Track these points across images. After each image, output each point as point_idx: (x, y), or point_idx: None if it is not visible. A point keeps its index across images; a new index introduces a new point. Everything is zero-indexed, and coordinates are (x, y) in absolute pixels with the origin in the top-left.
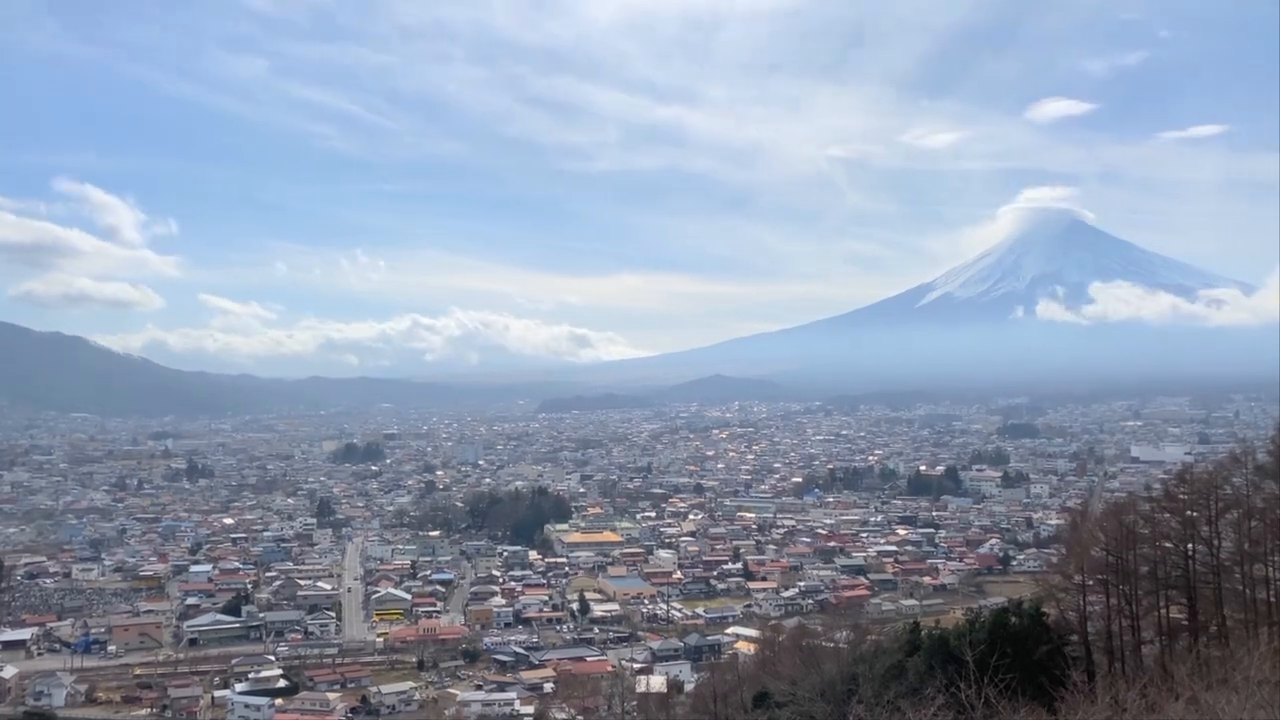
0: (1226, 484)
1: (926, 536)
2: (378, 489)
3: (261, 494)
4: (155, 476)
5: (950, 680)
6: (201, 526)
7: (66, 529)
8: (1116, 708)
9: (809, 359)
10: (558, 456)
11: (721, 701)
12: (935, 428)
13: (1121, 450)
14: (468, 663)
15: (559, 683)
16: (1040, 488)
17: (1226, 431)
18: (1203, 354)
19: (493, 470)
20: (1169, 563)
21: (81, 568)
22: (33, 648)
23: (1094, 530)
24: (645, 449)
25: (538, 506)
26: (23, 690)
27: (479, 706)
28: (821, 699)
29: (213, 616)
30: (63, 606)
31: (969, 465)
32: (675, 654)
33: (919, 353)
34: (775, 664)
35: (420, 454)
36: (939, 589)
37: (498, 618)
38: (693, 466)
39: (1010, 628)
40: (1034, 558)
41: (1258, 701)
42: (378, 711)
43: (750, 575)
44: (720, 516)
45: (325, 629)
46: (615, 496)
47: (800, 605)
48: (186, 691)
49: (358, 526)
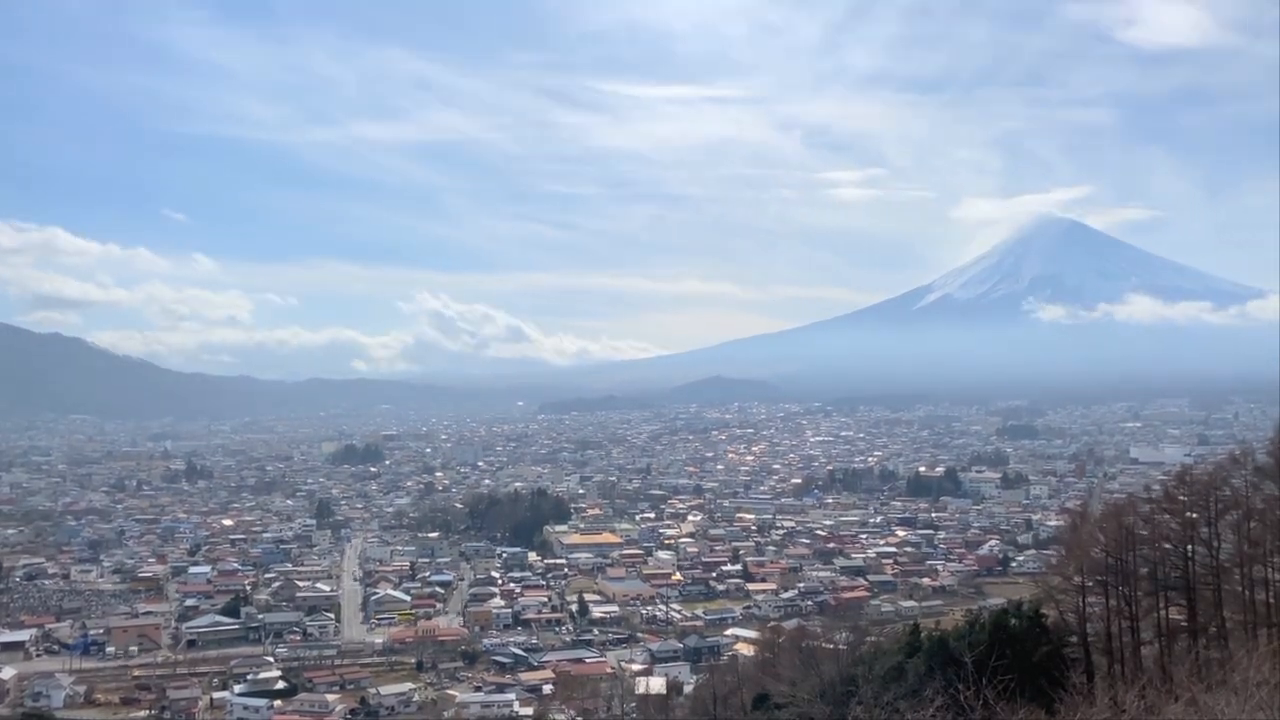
0: (1226, 485)
1: (926, 538)
2: (377, 490)
3: (260, 495)
4: (154, 478)
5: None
6: (200, 528)
7: (65, 530)
8: (1116, 709)
9: (809, 360)
10: (557, 458)
11: (721, 703)
12: (934, 429)
13: (1121, 451)
14: (467, 664)
15: (558, 684)
16: (1040, 489)
17: (1226, 433)
18: (1202, 355)
19: (492, 471)
20: (1168, 564)
21: (80, 569)
22: (31, 649)
23: (1093, 531)
24: (645, 450)
25: (537, 508)
26: (21, 692)
27: (478, 708)
28: (821, 700)
29: (211, 618)
30: (61, 608)
31: (968, 466)
32: (674, 655)
33: (918, 354)
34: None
35: (419, 455)
36: (938, 590)
37: (497, 619)
38: (692, 468)
39: (1010, 629)
40: (1033, 559)
41: (1257, 703)
42: (376, 713)
43: (750, 577)
44: (720, 518)
45: (324, 630)
46: (614, 498)
47: (800, 607)
48: (185, 693)
49: (357, 528)
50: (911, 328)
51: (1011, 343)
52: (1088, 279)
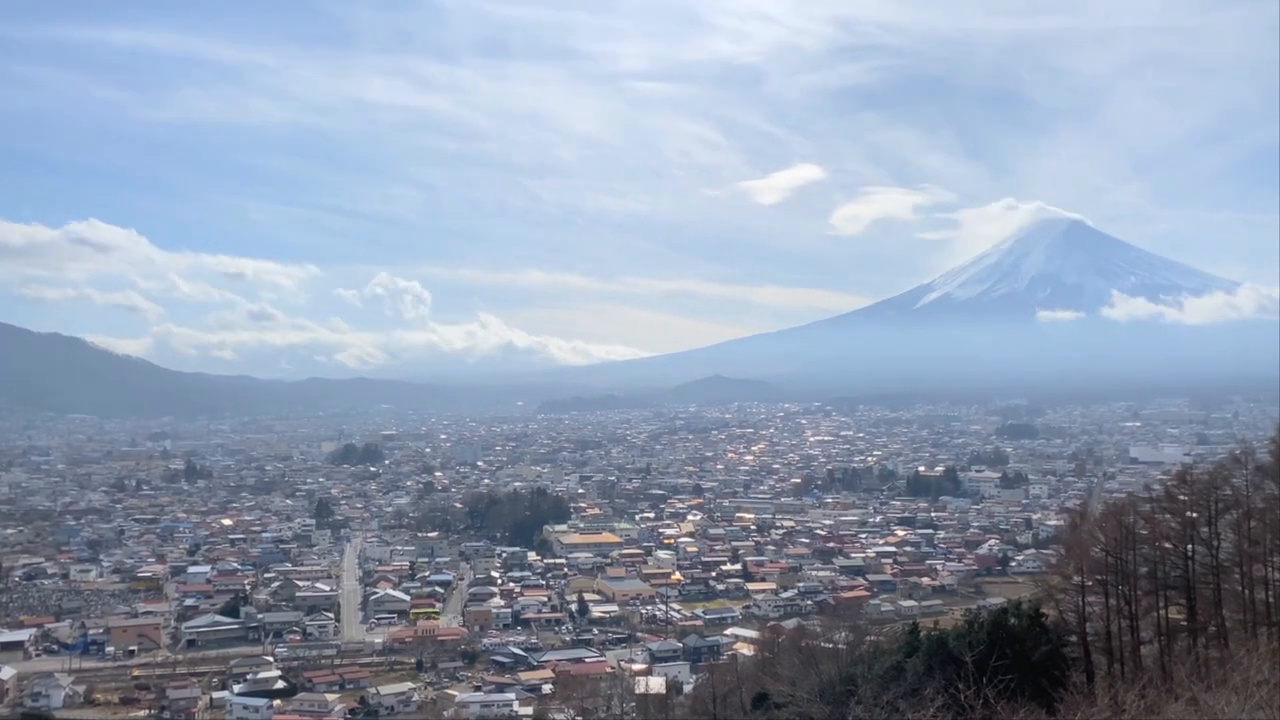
0: (1226, 485)
1: (925, 537)
2: (376, 490)
3: (260, 495)
4: (154, 477)
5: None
6: (200, 527)
7: (65, 530)
8: (1115, 708)
9: (808, 359)
10: (557, 457)
11: (720, 702)
12: (934, 428)
13: (1120, 451)
14: (466, 664)
15: (558, 684)
16: (1039, 488)
17: (1225, 432)
18: (1202, 354)
19: (491, 471)
20: (1168, 563)
21: (80, 569)
22: (31, 649)
23: (1093, 531)
24: (644, 450)
25: (537, 507)
26: (21, 691)
27: (477, 707)
28: (820, 700)
29: (211, 618)
30: (61, 607)
31: (968, 466)
32: (674, 655)
33: (918, 353)
34: (774, 665)
35: (419, 455)
36: (938, 590)
37: (496, 619)
38: (692, 467)
39: (1009, 628)
40: (1033, 558)
41: (1257, 702)
42: (376, 712)
43: (749, 576)
44: (719, 517)
45: (324, 630)
46: (614, 497)
47: (799, 606)
48: (185, 693)
49: (356, 527)
50: (911, 327)
51: (1011, 342)
52: (1088, 278)
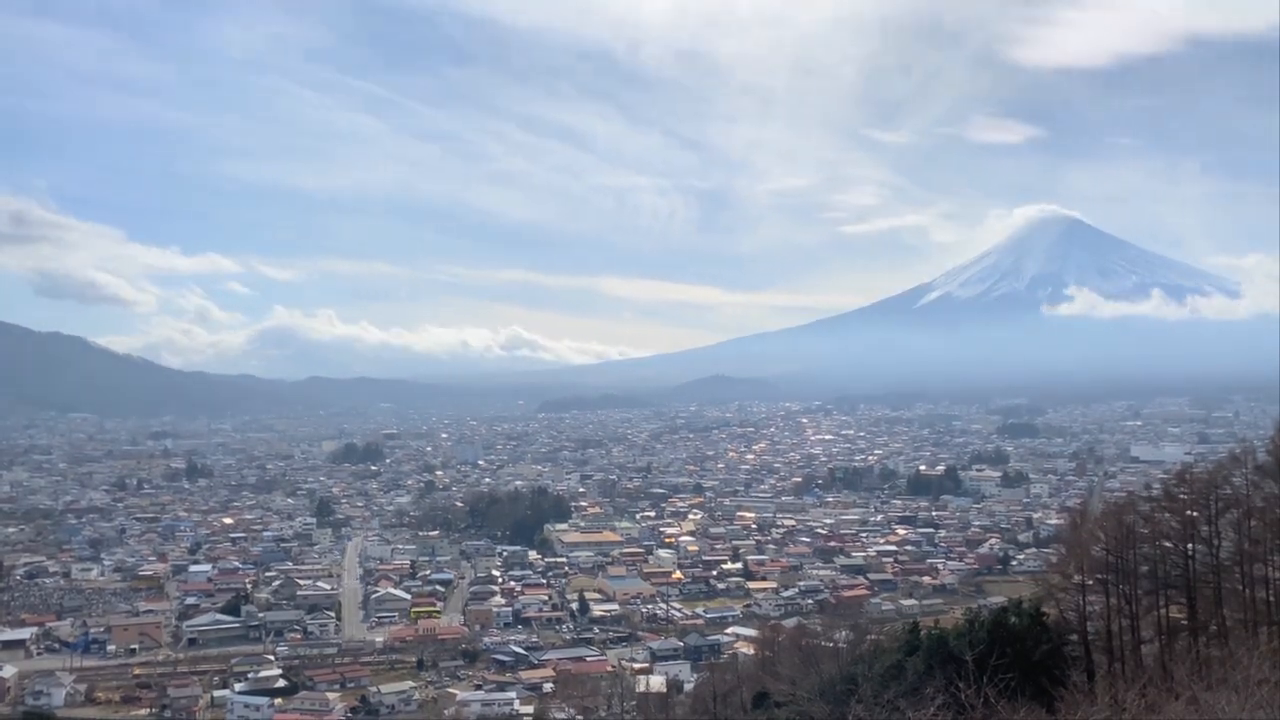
0: (1226, 484)
1: (926, 536)
2: (377, 489)
3: (261, 494)
4: (155, 476)
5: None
6: (201, 526)
7: (66, 529)
8: (1116, 707)
9: (809, 359)
10: (557, 456)
11: (721, 701)
12: (935, 427)
13: (1121, 450)
14: (467, 662)
15: (558, 683)
16: (1040, 487)
17: (1226, 431)
18: (1202, 353)
19: (492, 470)
20: (1169, 562)
21: (81, 567)
22: (32, 647)
23: (1094, 530)
24: (645, 449)
25: (537, 506)
26: (22, 690)
27: (478, 706)
28: (821, 699)
29: (212, 616)
30: (62, 606)
31: (969, 465)
32: (675, 654)
33: (919, 352)
34: (775, 664)
35: (420, 454)
36: (938, 589)
37: (497, 618)
38: (692, 466)
39: (1010, 627)
40: (1034, 557)
41: (1257, 701)
42: (377, 711)
43: (750, 575)
44: (720, 516)
45: (325, 629)
46: (615, 496)
47: (800, 605)
48: (186, 691)
49: (357, 526)
50: (912, 326)
51: (1012, 341)
52: (1088, 277)
